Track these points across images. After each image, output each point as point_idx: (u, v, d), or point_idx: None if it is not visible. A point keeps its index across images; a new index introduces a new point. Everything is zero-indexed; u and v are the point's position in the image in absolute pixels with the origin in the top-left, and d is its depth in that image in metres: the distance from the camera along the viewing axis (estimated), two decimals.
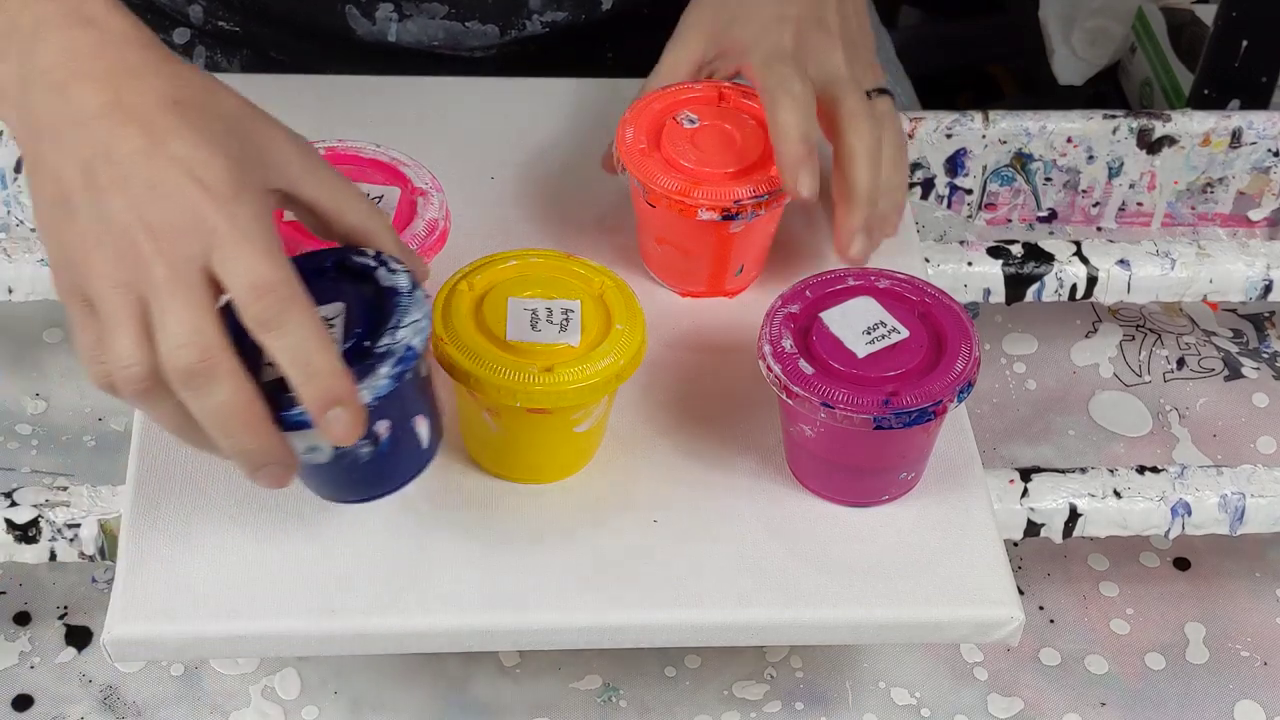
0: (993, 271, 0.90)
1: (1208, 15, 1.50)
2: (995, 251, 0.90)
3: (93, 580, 0.82)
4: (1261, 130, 1.00)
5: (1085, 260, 0.90)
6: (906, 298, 0.74)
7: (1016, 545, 0.86)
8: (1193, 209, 1.03)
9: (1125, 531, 0.80)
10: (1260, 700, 0.81)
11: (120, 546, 0.70)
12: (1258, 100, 1.37)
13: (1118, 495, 0.80)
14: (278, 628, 0.69)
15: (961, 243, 0.91)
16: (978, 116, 0.99)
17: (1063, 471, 0.80)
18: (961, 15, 1.91)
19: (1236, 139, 1.00)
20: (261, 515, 0.71)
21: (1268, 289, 0.91)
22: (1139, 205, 1.02)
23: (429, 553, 0.71)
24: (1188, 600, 0.85)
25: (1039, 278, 0.90)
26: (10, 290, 0.86)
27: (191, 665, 0.79)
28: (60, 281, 0.65)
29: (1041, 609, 0.85)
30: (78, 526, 0.75)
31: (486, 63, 0.99)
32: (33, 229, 0.96)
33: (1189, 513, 0.80)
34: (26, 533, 0.75)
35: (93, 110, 0.64)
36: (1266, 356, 0.97)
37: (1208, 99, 1.39)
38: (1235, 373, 0.96)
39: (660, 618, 0.70)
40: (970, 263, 0.90)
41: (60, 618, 0.81)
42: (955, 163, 0.99)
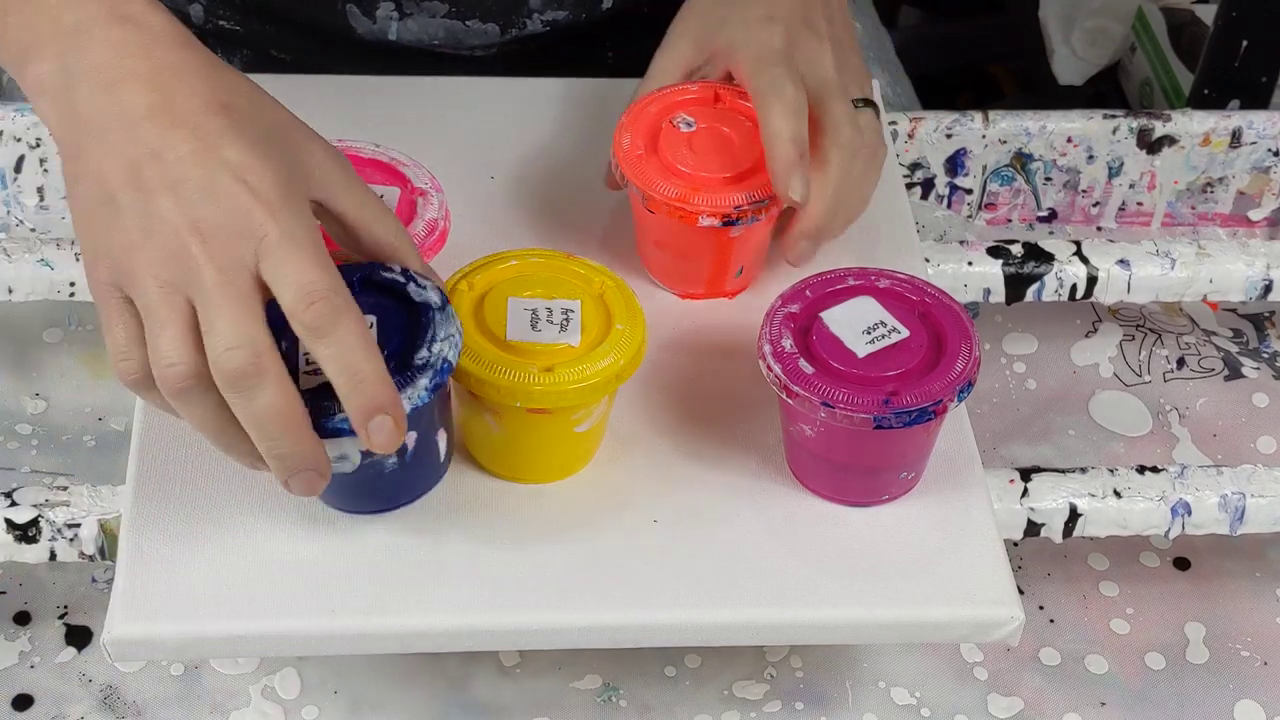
0: (993, 271, 0.90)
1: (1208, 15, 1.50)
2: (995, 251, 0.90)
3: (93, 580, 0.82)
4: (1261, 130, 1.00)
5: (1085, 260, 0.90)
6: (906, 298, 0.74)
7: (1016, 545, 0.86)
8: (1193, 209, 1.03)
9: (1125, 531, 0.80)
10: (1260, 700, 0.81)
11: (120, 546, 0.70)
12: (1258, 100, 1.37)
13: (1118, 495, 0.80)
14: (278, 628, 0.69)
15: (961, 243, 0.91)
16: (978, 116, 0.99)
17: (1063, 471, 0.80)
18: (961, 15, 1.91)
19: (1236, 139, 1.00)
20: (262, 515, 0.71)
21: (1268, 289, 0.91)
22: (1139, 205, 1.02)
23: (429, 552, 0.71)
24: (1188, 600, 0.85)
25: (1039, 277, 0.90)
26: (10, 290, 0.86)
27: (191, 665, 0.79)
28: (96, 276, 0.65)
29: (1041, 609, 0.85)
30: (78, 526, 0.75)
31: (487, 62, 0.99)
32: (33, 228, 0.96)
33: (1189, 512, 0.80)
34: (26, 532, 0.75)
35: (142, 111, 0.64)
36: (1266, 356, 0.97)
37: (1208, 99, 1.39)
38: (1235, 373, 0.96)
39: (660, 618, 0.70)
40: (970, 263, 0.90)
41: (60, 617, 0.81)
42: (955, 163, 0.99)
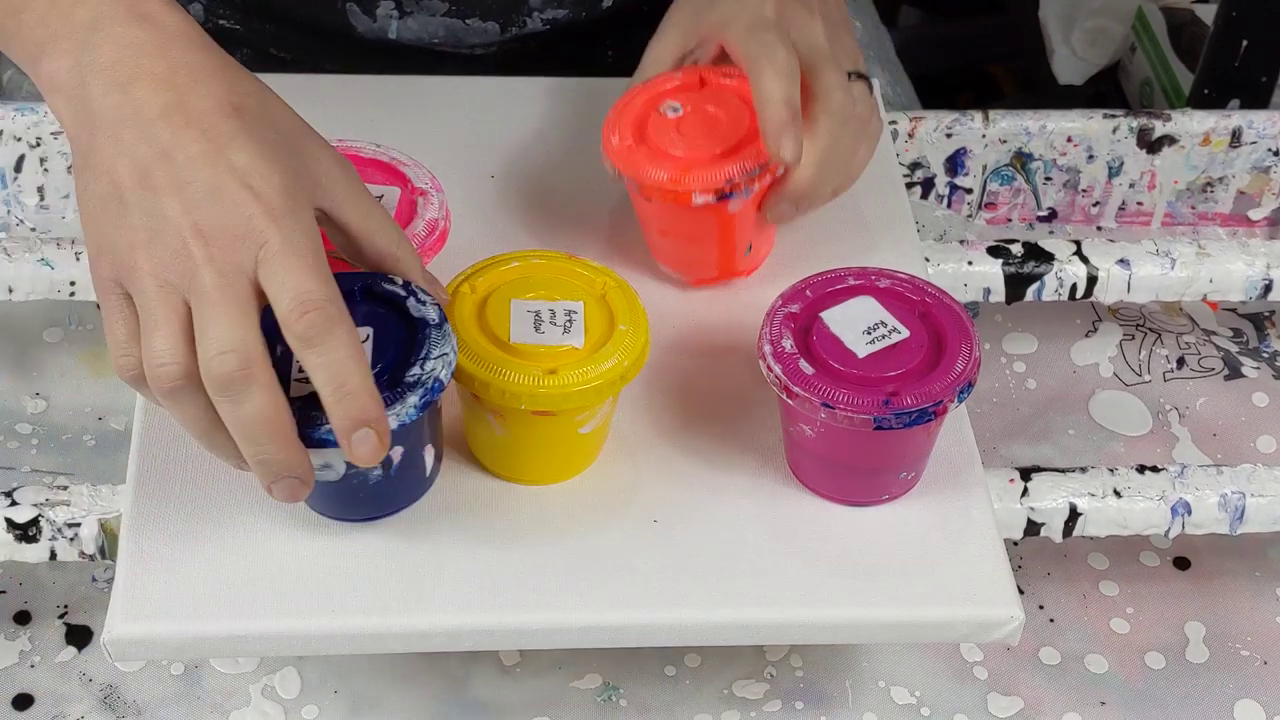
0: (993, 271, 0.90)
1: (1208, 15, 1.50)
2: (995, 251, 0.90)
3: (93, 580, 0.82)
4: (1261, 130, 1.00)
5: (1085, 260, 0.90)
6: (907, 297, 0.74)
7: (1016, 545, 0.86)
8: (1193, 208, 1.03)
9: (1125, 531, 0.80)
10: (1260, 700, 0.81)
11: (120, 546, 0.70)
12: (1258, 100, 1.37)
13: (1118, 495, 0.80)
14: (278, 628, 0.69)
15: (961, 242, 0.91)
16: (978, 116, 0.99)
17: (1063, 471, 0.80)
18: (961, 15, 1.91)
19: (1236, 138, 1.00)
20: (262, 515, 0.71)
21: (1268, 288, 0.91)
22: (1139, 205, 1.02)
23: (430, 552, 0.71)
24: (1188, 600, 0.85)
25: (1039, 277, 0.90)
26: (10, 290, 0.86)
27: (191, 665, 0.79)
28: (99, 271, 0.65)
29: (1041, 608, 0.85)
30: (78, 526, 0.75)
31: (487, 60, 0.99)
32: (33, 228, 0.96)
33: (1189, 512, 0.80)
34: (26, 532, 0.75)
35: (155, 111, 0.65)
36: (1266, 356, 0.97)
37: (1208, 99, 1.39)
38: (1235, 372, 0.96)
39: (660, 618, 0.70)
40: (970, 262, 0.90)
41: (60, 617, 0.81)
42: (955, 162, 0.99)
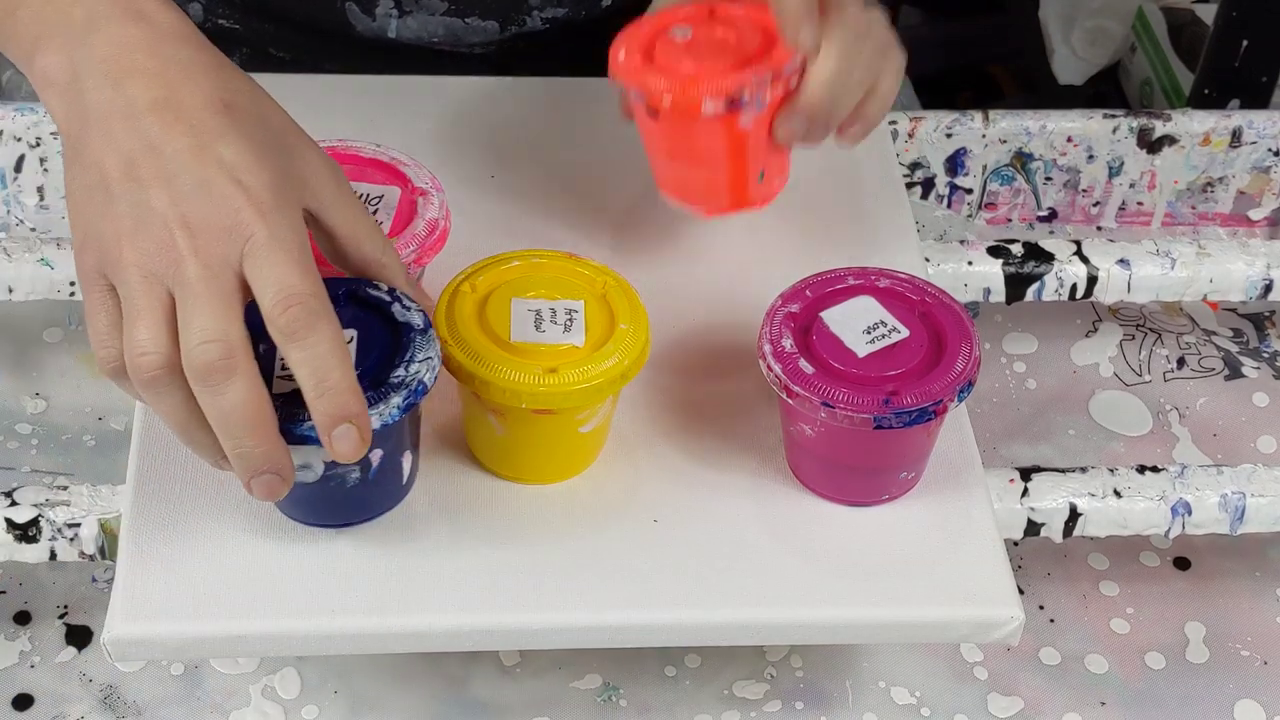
0: (993, 271, 0.90)
1: (1208, 15, 1.50)
2: (995, 251, 0.90)
3: (93, 580, 0.82)
4: (1261, 130, 1.00)
5: (1085, 260, 0.90)
6: (906, 297, 0.74)
7: (1016, 545, 0.86)
8: (1193, 208, 1.03)
9: (1125, 531, 0.80)
10: (1260, 700, 0.81)
11: (120, 546, 0.70)
12: (1258, 100, 1.37)
13: (1118, 495, 0.80)
14: (278, 628, 0.69)
15: (961, 242, 0.91)
16: (978, 116, 0.99)
17: (1063, 471, 0.80)
18: (961, 15, 1.91)
19: (1236, 138, 1.00)
20: (262, 515, 0.71)
21: (1268, 288, 0.91)
22: (1139, 205, 1.02)
23: (430, 553, 0.71)
24: (1188, 600, 0.85)
25: (1039, 277, 0.90)
26: (10, 290, 0.86)
27: (191, 665, 0.79)
28: (84, 263, 0.65)
29: (1041, 608, 0.85)
30: (78, 526, 0.75)
31: (487, 59, 0.99)
32: (33, 228, 0.96)
33: (1189, 512, 0.80)
34: (26, 532, 0.75)
35: (145, 105, 0.65)
36: (1266, 356, 0.97)
37: (1208, 99, 1.39)
38: (1235, 372, 0.96)
39: (660, 618, 0.70)
40: (970, 262, 0.90)
41: (60, 617, 0.81)
42: (955, 162, 0.99)
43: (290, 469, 0.65)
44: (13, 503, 0.75)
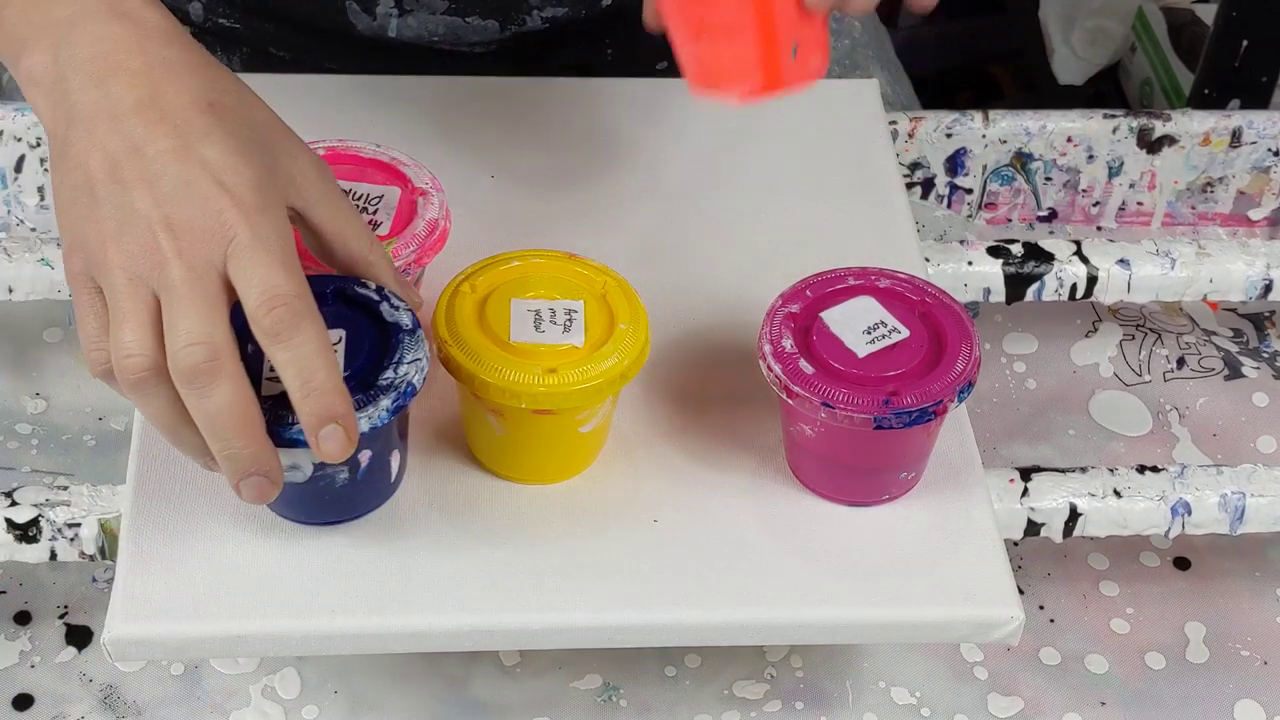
0: (993, 271, 0.90)
1: (1208, 15, 1.51)
2: (995, 251, 0.90)
3: (93, 580, 0.82)
4: (1261, 130, 1.00)
5: (1085, 260, 0.90)
6: (906, 297, 0.74)
7: (1016, 545, 0.86)
8: (1193, 208, 1.03)
9: (1125, 531, 0.80)
10: (1260, 700, 0.81)
11: (120, 546, 0.70)
12: (1258, 100, 1.37)
13: (1118, 495, 0.80)
14: (278, 628, 0.69)
15: (961, 242, 0.91)
16: (978, 116, 0.99)
17: (1063, 471, 0.80)
18: (961, 15, 1.91)
19: (1236, 138, 1.00)
20: (262, 515, 0.71)
21: (1268, 288, 0.91)
22: (1139, 205, 1.02)
23: (430, 552, 0.71)
24: (1188, 600, 0.85)
25: (1039, 277, 0.90)
26: (10, 290, 0.86)
27: (191, 665, 0.79)
28: (71, 265, 0.65)
29: (1041, 609, 0.85)
30: (78, 526, 0.75)
31: (487, 58, 0.99)
32: (33, 228, 0.96)
33: (1189, 512, 0.80)
34: (26, 532, 0.75)
35: (129, 105, 0.65)
36: (1266, 356, 0.97)
37: (1208, 99, 1.39)
38: (1235, 372, 0.96)
39: (660, 618, 0.70)
40: (970, 262, 0.90)
41: (60, 617, 0.81)
42: (955, 162, 0.99)
43: (278, 471, 0.65)
44: (13, 503, 0.75)
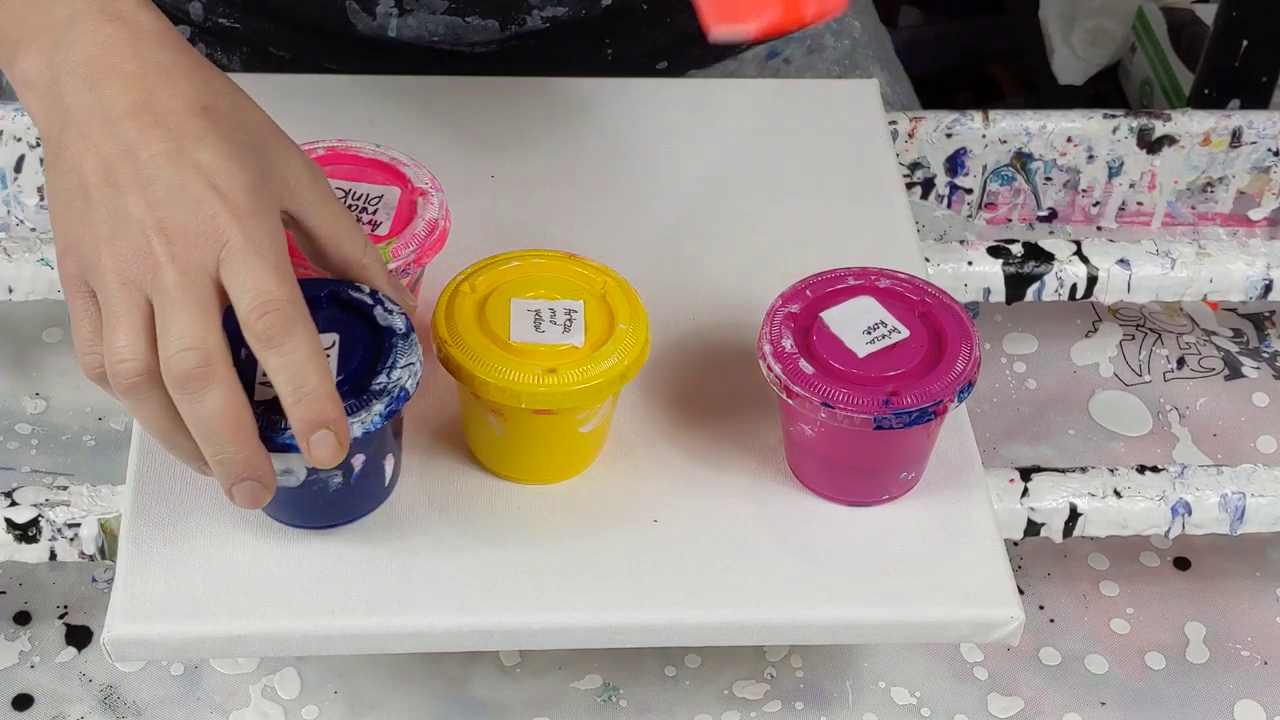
0: (993, 271, 0.90)
1: (1208, 15, 1.50)
2: (995, 251, 0.90)
3: (93, 580, 0.82)
4: (1261, 130, 1.00)
5: (1085, 260, 0.90)
6: (906, 297, 0.74)
7: (1016, 545, 0.86)
8: (1193, 208, 1.03)
9: (1125, 531, 0.80)
10: (1260, 700, 0.81)
11: (120, 546, 0.70)
12: (1258, 100, 1.37)
13: (1118, 495, 0.80)
14: (278, 628, 0.69)
15: (961, 242, 0.91)
16: (978, 116, 0.99)
17: (1063, 471, 0.80)
18: (961, 15, 1.91)
19: (1236, 139, 1.00)
20: (262, 516, 0.71)
21: (1268, 288, 0.91)
22: (1139, 205, 1.02)
23: (430, 552, 0.71)
24: (1188, 600, 0.85)
25: (1039, 277, 0.90)
26: (10, 290, 0.86)
27: (191, 665, 0.79)
28: (65, 269, 0.66)
29: (1041, 609, 0.85)
30: (78, 526, 0.75)
31: (487, 58, 0.99)
32: (33, 228, 0.96)
33: (1189, 512, 0.80)
34: (26, 532, 0.75)
35: (123, 109, 0.65)
36: (1266, 356, 0.97)
37: (1208, 99, 1.39)
38: (1235, 372, 0.96)
39: (660, 618, 0.70)
40: (970, 262, 0.90)
41: (60, 617, 0.81)
42: (955, 162, 0.99)
43: (271, 475, 0.65)
44: (13, 503, 0.75)
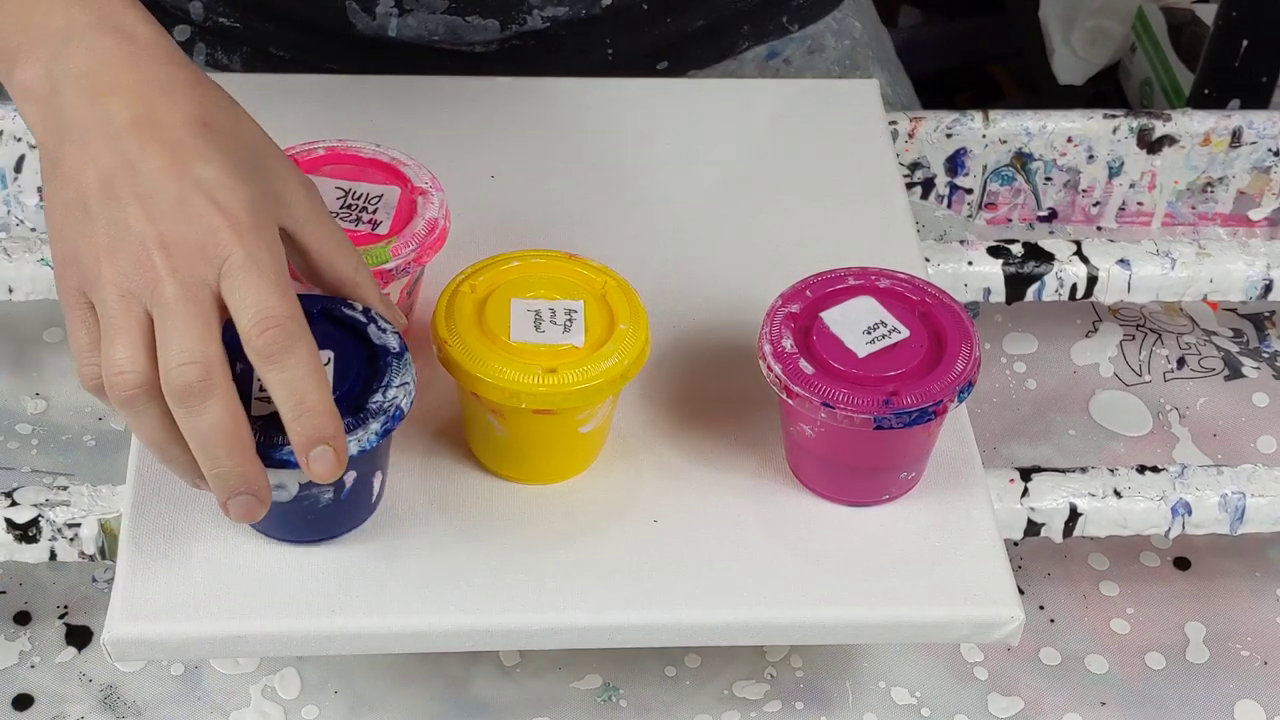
0: (993, 271, 0.90)
1: (1208, 15, 1.51)
2: (995, 251, 0.90)
3: (93, 580, 0.82)
4: (1261, 130, 1.00)
5: (1085, 260, 0.90)
6: (906, 297, 0.74)
7: (1016, 545, 0.86)
8: (1193, 209, 1.03)
9: (1125, 531, 0.80)
10: (1260, 700, 0.81)
11: (120, 546, 0.70)
12: (1258, 100, 1.37)
13: (1118, 495, 0.80)
14: (278, 628, 0.69)
15: (961, 242, 0.91)
16: (978, 116, 0.99)
17: (1063, 471, 0.80)
18: (961, 15, 1.91)
19: (1236, 139, 1.00)
20: None
21: (1268, 289, 0.91)
22: (1139, 205, 1.02)
23: (430, 552, 0.71)
24: (1188, 600, 0.85)
25: (1039, 277, 0.90)
26: (10, 290, 0.86)
27: (191, 665, 0.79)
28: (64, 281, 0.66)
29: (1041, 609, 0.85)
30: (78, 526, 0.75)
31: (487, 58, 0.99)
32: (33, 228, 0.96)
33: (1189, 512, 0.80)
34: (26, 532, 0.75)
35: (124, 122, 0.65)
36: (1266, 356, 0.97)
37: (1208, 99, 1.39)
38: (1235, 372, 0.96)
39: (660, 618, 0.70)
40: (970, 262, 0.90)
41: (60, 617, 0.81)
42: (955, 162, 0.99)
43: (267, 490, 0.66)
44: (13, 503, 0.75)
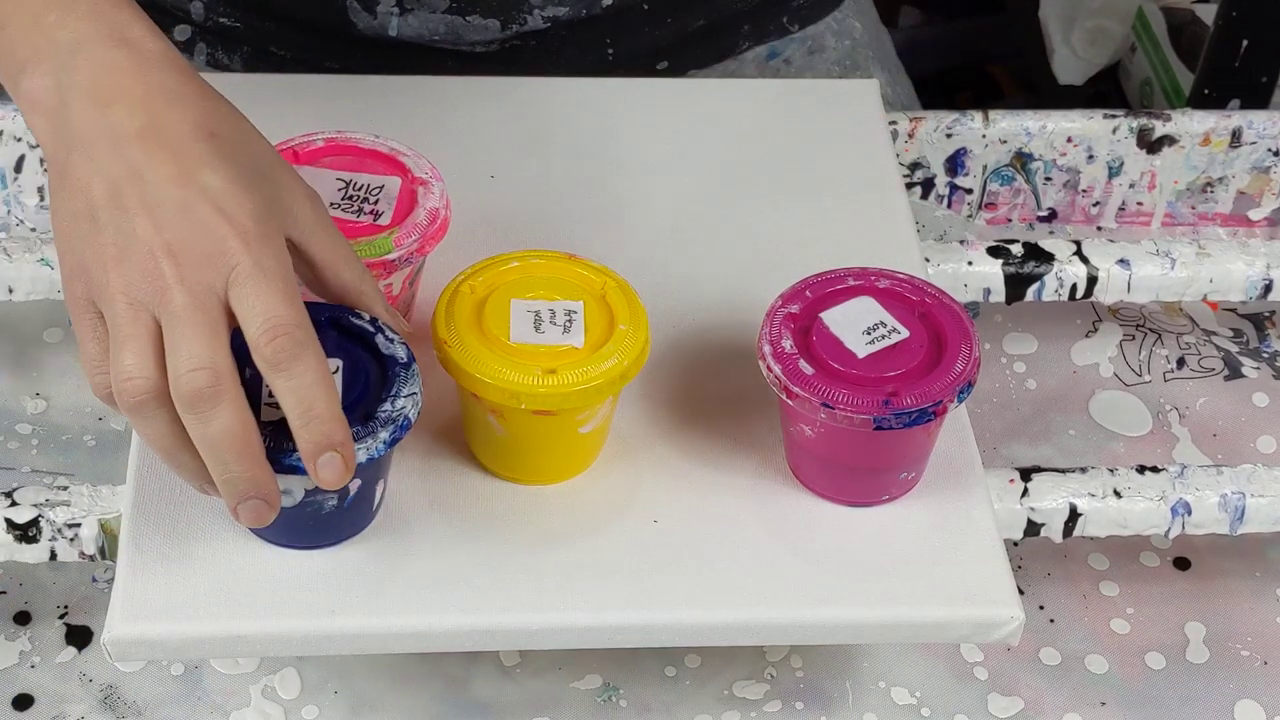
0: (993, 271, 0.90)
1: (1208, 15, 1.51)
2: (995, 251, 0.90)
3: (93, 580, 0.82)
4: (1261, 130, 1.00)
5: (1085, 260, 0.90)
6: (906, 298, 0.74)
7: (1016, 545, 0.86)
8: (1193, 209, 1.03)
9: (1125, 531, 0.80)
10: (1260, 700, 0.81)
11: (120, 546, 0.70)
12: (1258, 100, 1.37)
13: (1118, 495, 0.80)
14: (278, 628, 0.69)
15: (961, 242, 0.91)
16: (978, 116, 0.99)
17: (1063, 471, 0.80)
18: (961, 15, 1.91)
19: (1236, 139, 1.00)
20: None
21: (1268, 289, 0.91)
22: (1139, 205, 1.02)
23: (430, 552, 0.71)
24: (1188, 600, 0.85)
25: (1039, 277, 0.90)
26: (10, 290, 0.86)
27: (191, 665, 0.79)
28: (73, 292, 0.66)
29: (1041, 609, 0.85)
30: (78, 526, 0.75)
31: (488, 58, 0.99)
32: (33, 228, 0.96)
33: (1189, 512, 0.80)
34: (26, 532, 0.75)
35: (130, 131, 0.65)
36: (1266, 356, 0.97)
37: (1208, 99, 1.39)
38: (1235, 372, 0.96)
39: (660, 618, 0.70)
40: (970, 262, 0.90)
41: (60, 617, 0.81)
42: (955, 162, 0.99)
43: (277, 495, 0.66)
44: (13, 503, 0.75)
